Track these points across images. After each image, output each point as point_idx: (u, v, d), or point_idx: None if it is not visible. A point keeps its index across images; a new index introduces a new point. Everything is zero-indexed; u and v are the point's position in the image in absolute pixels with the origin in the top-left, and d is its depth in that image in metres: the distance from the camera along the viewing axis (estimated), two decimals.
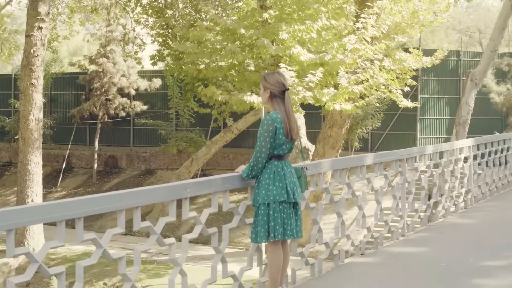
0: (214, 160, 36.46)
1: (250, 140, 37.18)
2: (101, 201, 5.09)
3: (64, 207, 4.73)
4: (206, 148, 32.65)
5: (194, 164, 32.56)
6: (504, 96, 33.43)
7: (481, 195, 13.66)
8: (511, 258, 8.57)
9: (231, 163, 37.44)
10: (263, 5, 18.68)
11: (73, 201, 4.88)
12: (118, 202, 5.18)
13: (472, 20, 70.81)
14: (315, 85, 17.52)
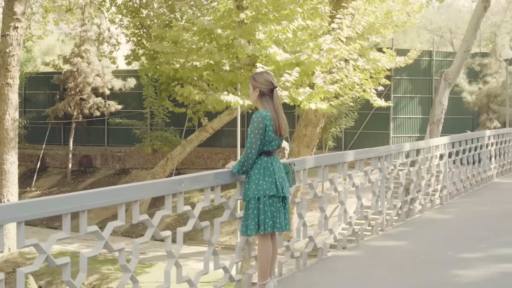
0: (189, 160, 36.59)
1: (225, 139, 37.39)
2: (101, 196, 5.29)
3: (68, 201, 4.93)
4: (181, 147, 32.79)
5: (169, 163, 32.68)
6: (476, 95, 33.94)
7: (456, 192, 14.00)
8: (487, 251, 8.90)
9: (206, 163, 37.60)
10: (240, 5, 18.82)
11: (77, 195, 5.07)
12: (118, 196, 5.39)
13: (443, 20, 71.51)
14: (291, 85, 17.71)
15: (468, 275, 7.62)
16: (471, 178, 15.06)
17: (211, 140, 34.92)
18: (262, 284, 6.54)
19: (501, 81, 34.16)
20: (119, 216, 5.46)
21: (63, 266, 4.96)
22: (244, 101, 18.06)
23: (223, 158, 37.41)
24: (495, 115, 33.63)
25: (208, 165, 37.42)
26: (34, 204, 4.72)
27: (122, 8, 29.38)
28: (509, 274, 7.71)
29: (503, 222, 11.25)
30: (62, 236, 4.94)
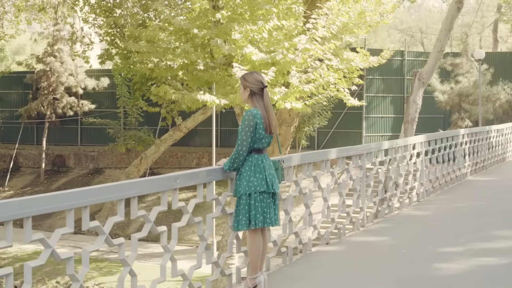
0: (162, 159, 36.68)
1: (198, 138, 37.51)
2: (103, 192, 5.47)
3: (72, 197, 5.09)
4: (155, 146, 32.91)
5: (143, 163, 32.80)
6: (448, 95, 34.38)
7: (432, 189, 14.31)
8: (466, 245, 9.18)
9: (179, 162, 37.72)
10: (216, 5, 18.97)
11: (80, 191, 5.23)
12: (119, 192, 5.56)
13: (414, 20, 72.22)
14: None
15: (449, 268, 7.90)
16: (446, 176, 15.38)
17: (184, 140, 35.06)
18: (253, 278, 6.74)
19: (473, 81, 34.65)
20: (119, 212, 5.62)
21: (67, 260, 5.10)
22: (220, 100, 18.22)
23: (197, 158, 37.56)
24: (467, 114, 34.09)
25: (181, 165, 37.53)
26: (40, 200, 4.86)
27: (96, 7, 29.34)
28: (488, 267, 8.00)
29: (479, 218, 11.55)
30: (66, 231, 5.09)
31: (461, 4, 19.77)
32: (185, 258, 21.77)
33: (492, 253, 8.66)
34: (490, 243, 9.34)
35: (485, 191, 15.31)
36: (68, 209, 5.09)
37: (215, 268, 6.89)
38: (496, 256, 8.48)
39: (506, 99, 34.09)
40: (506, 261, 8.26)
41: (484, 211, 12.36)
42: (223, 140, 36.96)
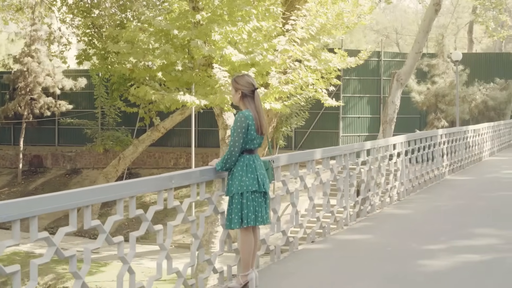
0: (140, 159, 36.71)
1: (176, 139, 37.57)
2: (101, 192, 5.65)
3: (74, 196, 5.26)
4: (133, 147, 32.96)
5: (121, 163, 32.85)
6: (424, 95, 34.74)
7: (412, 188, 14.57)
8: (448, 243, 9.45)
9: (157, 162, 37.78)
10: (195, 6, 19.10)
11: (82, 191, 5.39)
12: (116, 192, 5.73)
13: (389, 21, 72.69)
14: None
15: (433, 265, 8.13)
16: (425, 175, 15.64)
17: (162, 140, 35.11)
18: (245, 275, 6.93)
19: (449, 81, 35.04)
20: (118, 211, 5.79)
21: (70, 258, 5.24)
22: (200, 101, 18.36)
23: (174, 158, 37.64)
24: (443, 115, 34.47)
25: (159, 165, 37.59)
26: (45, 200, 5.01)
27: (73, 7, 29.31)
28: (471, 263, 8.25)
29: (459, 217, 11.80)
30: (69, 229, 5.24)
31: (439, 6, 20.09)
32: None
33: (474, 250, 8.92)
34: (471, 240, 9.61)
35: (464, 190, 15.60)
36: (71, 209, 5.24)
37: (208, 265, 7.04)
38: (478, 253, 8.74)
39: (481, 99, 34.56)
40: (488, 257, 8.53)
41: (463, 210, 12.62)
42: (201, 141, 37.06)
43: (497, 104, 34.96)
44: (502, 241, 9.63)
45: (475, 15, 39.47)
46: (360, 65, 26.52)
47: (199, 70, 19.59)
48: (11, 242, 4.74)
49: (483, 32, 54.86)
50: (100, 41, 27.39)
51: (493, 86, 35.60)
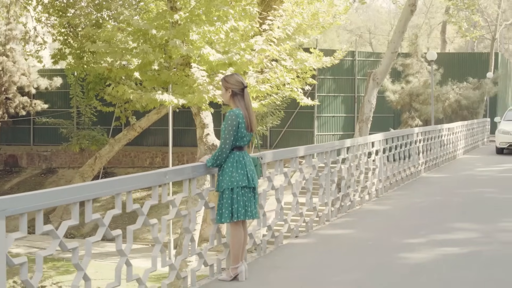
0: (116, 159, 36.72)
1: (151, 138, 37.64)
2: (104, 186, 5.88)
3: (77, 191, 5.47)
4: (109, 146, 33.02)
5: (97, 162, 32.89)
6: (398, 94, 35.16)
7: (389, 185, 14.89)
8: (428, 237, 9.79)
9: (133, 161, 37.84)
10: (173, 6, 19.25)
11: (85, 185, 5.61)
12: (117, 186, 5.97)
13: (362, 21, 73.17)
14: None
15: (415, 258, 8.44)
16: (402, 172, 15.97)
17: (138, 139, 35.17)
18: (235, 268, 7.20)
19: (423, 81, 35.51)
20: (116, 205, 6.01)
21: (73, 250, 5.47)
22: (178, 100, 18.53)
23: (150, 157, 37.72)
24: (417, 113, 34.91)
25: (135, 164, 37.67)
26: (50, 194, 5.24)
27: (49, 7, 29.29)
28: (450, 256, 8.58)
29: (437, 212, 12.15)
30: (72, 223, 5.46)
31: (414, 7, 20.43)
32: (141, 257, 22.09)
33: (453, 244, 9.25)
34: (450, 234, 9.93)
35: (440, 187, 15.97)
36: (74, 203, 5.46)
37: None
38: (457, 246, 9.07)
39: (455, 98, 35.05)
40: (466, 250, 8.87)
41: (440, 206, 12.99)
42: (176, 140, 37.13)
43: (470, 103, 35.49)
44: (479, 234, 9.99)
45: (449, 16, 39.96)
46: (334, 65, 26.80)
47: (176, 70, 19.73)
48: (19, 234, 4.95)
49: (455, 32, 55.52)
50: (76, 41, 27.41)
51: (466, 85, 36.14)
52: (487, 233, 10.08)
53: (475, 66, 38.48)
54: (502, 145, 25.91)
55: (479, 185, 16.29)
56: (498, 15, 47.86)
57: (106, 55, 20.64)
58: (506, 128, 25.93)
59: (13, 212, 4.84)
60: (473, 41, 53.23)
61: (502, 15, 49.15)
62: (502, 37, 54.25)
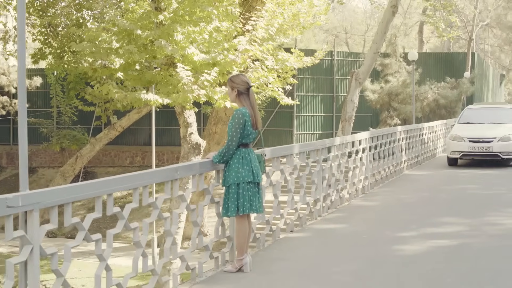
0: (96, 158, 36.82)
1: (131, 137, 37.80)
2: (122, 181, 6.20)
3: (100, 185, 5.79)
4: (90, 145, 33.13)
5: (78, 162, 33.00)
6: (378, 94, 35.63)
7: (375, 182, 15.31)
8: (418, 230, 10.24)
9: (113, 161, 38.00)
10: (158, 7, 19.47)
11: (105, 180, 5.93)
12: (135, 181, 6.33)
13: (339, 21, 73.66)
14: (209, 84, 18.52)
15: (409, 249, 8.87)
16: (386, 170, 16.41)
17: (118, 139, 35.28)
18: (240, 259, 7.55)
19: (401, 80, 36.02)
20: (134, 199, 6.34)
21: (96, 242, 5.78)
22: (163, 99, 18.78)
23: (130, 156, 37.91)
24: (395, 113, 35.41)
25: (115, 163, 37.83)
26: (76, 188, 5.59)
27: (29, 6, 29.37)
28: (442, 247, 9.02)
29: (424, 208, 12.60)
30: (96, 215, 5.78)
31: (396, 8, 20.89)
32: (124, 255, 22.36)
33: (443, 237, 9.67)
34: (439, 228, 10.36)
35: (424, 184, 16.46)
36: (97, 196, 5.78)
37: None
38: (447, 239, 9.50)
39: (433, 98, 35.59)
40: (456, 242, 9.30)
41: (427, 202, 13.48)
42: (156, 139, 37.13)
43: (448, 102, 36.05)
44: (467, 228, 10.43)
45: (426, 16, 40.51)
46: (313, 65, 27.16)
47: (160, 69, 19.96)
48: (51, 226, 5.28)
49: (430, 32, 56.17)
50: (56, 40, 27.54)
51: (444, 85, 36.69)
52: (474, 226, 10.53)
53: (452, 66, 39.09)
54: (454, 155, 20.43)
55: (461, 182, 16.78)
56: (474, 15, 48.58)
57: (91, 55, 20.79)
58: (460, 133, 20.48)
59: (46, 205, 5.16)
60: (449, 41, 53.92)
61: (478, 15, 49.86)
62: (478, 37, 54.97)
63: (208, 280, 7.38)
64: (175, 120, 34.76)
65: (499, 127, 20.61)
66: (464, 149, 19.89)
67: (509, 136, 19.75)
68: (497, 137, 19.65)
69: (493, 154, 19.75)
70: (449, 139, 20.60)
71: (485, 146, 19.71)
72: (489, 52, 62.53)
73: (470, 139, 19.84)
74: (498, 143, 19.64)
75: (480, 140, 19.80)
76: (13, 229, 4.93)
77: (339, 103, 37.02)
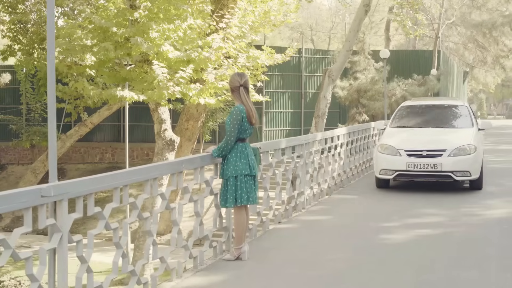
0: (66, 155, 36.82)
1: (101, 134, 37.89)
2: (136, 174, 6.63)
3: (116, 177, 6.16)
4: (61, 142, 33.21)
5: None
6: (347, 90, 36.19)
7: (352, 176, 15.77)
8: (400, 221, 10.78)
9: (83, 157, 38.08)
10: (133, 4, 19.70)
11: (121, 173, 6.30)
12: (146, 174, 6.71)
13: (304, 18, 74.04)
14: (185, 81, 18.83)
15: (394, 238, 9.39)
16: (362, 164, 16.88)
17: (87, 135, 35.34)
18: (238, 248, 7.97)
19: (370, 77, 36.62)
20: (146, 191, 6.76)
21: (114, 231, 6.16)
22: (138, 96, 19.03)
23: (100, 153, 38.03)
24: (364, 109, 36.00)
25: (85, 160, 37.93)
26: (102, 179, 6.03)
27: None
28: (425, 236, 9.57)
29: (404, 200, 13.09)
30: (114, 205, 6.15)
31: (369, 7, 21.39)
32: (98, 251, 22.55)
33: (425, 227, 10.20)
34: (420, 219, 10.92)
35: None
36: (115, 188, 6.16)
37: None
38: (429, 229, 10.03)
39: (401, 94, 36.17)
40: (438, 231, 9.84)
41: (406, 194, 13.93)
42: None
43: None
44: (447, 218, 10.97)
45: (394, 14, 41.15)
46: (282, 62, 27.53)
47: (135, 66, 20.19)
48: (77, 215, 5.64)
49: (394, 30, 56.90)
50: (26, 37, 27.63)
51: (411, 82, 37.34)
52: (453, 217, 11.06)
53: (419, 63, 39.80)
54: (385, 175, 14.21)
55: None
56: (441, 14, 49.39)
57: (66, 52, 20.94)
58: (393, 142, 14.40)
59: (74, 195, 5.53)
60: (414, 39, 54.73)
61: (444, 14, 50.69)
62: (443, 35, 55.88)
63: (210, 268, 7.78)
64: (145, 116, 35.07)
65: (449, 134, 14.92)
66: (400, 166, 13.82)
67: (465, 148, 13.77)
68: (448, 149, 13.69)
69: (442, 175, 13.63)
70: (378, 151, 14.52)
71: (431, 162, 13.58)
72: (453, 49, 63.49)
73: (408, 152, 13.85)
74: (450, 158, 13.60)
75: (424, 154, 13.70)
76: (45, 218, 5.29)
77: (307, 99, 37.53)
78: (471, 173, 13.62)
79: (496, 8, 53.27)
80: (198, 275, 7.46)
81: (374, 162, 15.02)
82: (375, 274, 7.53)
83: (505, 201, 12.79)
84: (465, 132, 14.74)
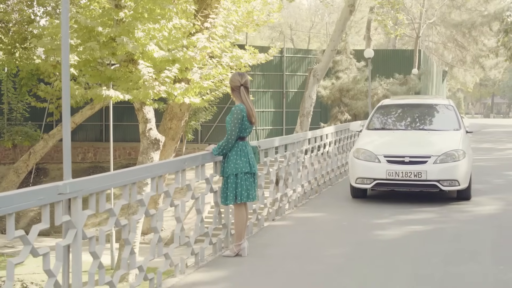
0: (48, 154, 36.66)
1: (82, 133, 37.84)
2: (140, 172, 6.74)
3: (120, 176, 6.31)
4: (43, 141, 33.15)
5: (31, 158, 33.02)
6: (329, 90, 36.44)
7: (340, 174, 15.99)
8: (392, 217, 11.02)
9: None
10: (118, 4, 19.77)
11: (127, 171, 6.44)
12: (150, 172, 6.86)
13: (283, 17, 74.29)
14: (170, 80, 18.95)
15: (388, 234, 9.61)
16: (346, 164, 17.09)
17: None
18: (238, 244, 8.15)
19: (352, 77, 36.92)
20: (152, 188, 6.89)
21: (123, 228, 6.30)
22: (124, 95, 19.12)
23: (82, 152, 37.97)
24: (346, 108, 36.28)
25: None
26: (113, 176, 6.22)
27: None
28: (417, 232, 9.83)
29: (393, 197, 13.22)
30: (123, 202, 6.28)
31: (353, 7, 21.64)
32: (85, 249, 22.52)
33: (417, 223, 10.44)
34: (412, 215, 11.14)
35: None
36: (124, 185, 6.33)
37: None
38: (421, 225, 10.26)
39: (383, 93, 36.49)
40: (430, 227, 10.08)
41: (395, 192, 13.72)
42: (108, 135, 37.40)
43: None
44: (437, 215, 11.20)
45: (375, 14, 41.43)
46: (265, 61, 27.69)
47: (120, 66, 20.26)
48: (90, 211, 5.78)
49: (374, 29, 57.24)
50: (7, 37, 27.59)
51: (393, 81, 37.69)
52: (444, 213, 11.30)
53: (400, 63, 40.20)
54: (362, 184, 12.66)
55: None
56: (421, 13, 49.82)
57: (51, 52, 20.97)
58: (371, 147, 12.86)
59: (87, 192, 5.67)
60: (394, 39, 55.15)
61: (425, 13, 51.13)
62: (423, 35, 56.34)
63: (211, 264, 7.94)
64: (127, 116, 35.18)
65: (434, 137, 13.37)
66: (379, 174, 12.36)
67: (453, 154, 12.35)
68: (434, 154, 12.29)
69: (427, 184, 12.17)
70: (354, 156, 12.95)
71: (414, 170, 12.12)
72: (433, 49, 63.95)
73: (388, 158, 12.41)
74: (436, 165, 12.16)
75: (406, 161, 12.25)
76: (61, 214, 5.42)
77: (289, 99, 37.76)
78: (460, 182, 12.11)
79: (476, 8, 53.89)
80: (200, 271, 7.61)
81: (349, 169, 13.18)
82: (374, 268, 7.74)
83: (492, 198, 13.03)
84: (452, 135, 13.24)
